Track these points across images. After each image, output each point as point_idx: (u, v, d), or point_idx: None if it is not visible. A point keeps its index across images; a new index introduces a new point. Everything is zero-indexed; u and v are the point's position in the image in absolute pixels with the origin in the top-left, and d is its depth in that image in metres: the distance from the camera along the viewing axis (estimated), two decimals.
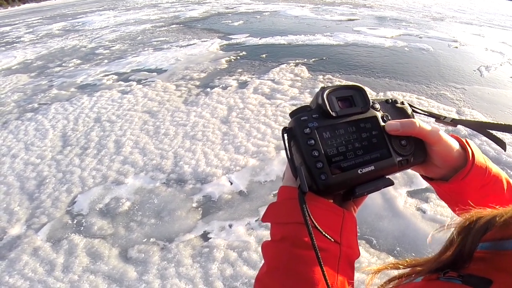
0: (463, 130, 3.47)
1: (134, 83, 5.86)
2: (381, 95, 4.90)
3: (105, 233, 2.61)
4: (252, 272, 2.16)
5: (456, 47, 7.83)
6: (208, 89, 5.31)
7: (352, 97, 0.46)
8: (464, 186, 0.44)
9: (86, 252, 2.43)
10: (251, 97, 4.86)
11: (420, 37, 8.62)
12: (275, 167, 3.22)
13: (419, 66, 6.25)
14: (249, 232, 2.50)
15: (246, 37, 8.74)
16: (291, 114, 0.44)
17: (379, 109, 0.47)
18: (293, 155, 0.43)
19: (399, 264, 0.42)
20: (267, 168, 3.22)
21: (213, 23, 11.39)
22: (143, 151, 3.66)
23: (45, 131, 4.29)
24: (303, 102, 4.62)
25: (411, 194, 2.81)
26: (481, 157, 0.46)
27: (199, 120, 4.26)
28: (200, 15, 13.41)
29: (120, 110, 4.77)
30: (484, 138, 3.37)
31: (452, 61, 6.64)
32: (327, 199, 0.42)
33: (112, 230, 2.63)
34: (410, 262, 0.41)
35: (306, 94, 4.89)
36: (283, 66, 6.21)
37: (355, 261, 0.43)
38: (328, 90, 0.44)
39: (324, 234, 0.38)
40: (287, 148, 0.44)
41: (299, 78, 5.58)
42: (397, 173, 0.47)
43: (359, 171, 0.42)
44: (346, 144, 0.43)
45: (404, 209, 2.65)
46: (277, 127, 3.94)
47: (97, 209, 2.87)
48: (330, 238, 0.39)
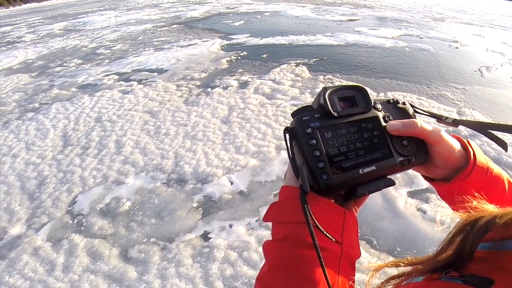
0: (464, 131, 3.47)
1: (135, 83, 5.86)
2: (382, 96, 4.90)
3: (106, 233, 2.61)
4: (253, 272, 2.16)
5: (457, 48, 7.82)
6: (209, 89, 5.32)
7: (354, 97, 0.46)
8: (466, 187, 0.44)
9: (87, 252, 2.43)
10: (252, 97, 4.86)
11: (421, 38, 8.62)
12: (276, 167, 3.22)
13: (420, 67, 6.24)
14: (250, 232, 2.50)
15: (247, 37, 8.74)
16: (293, 114, 0.44)
17: (381, 109, 0.47)
18: (295, 155, 0.43)
19: (400, 262, 0.42)
20: (268, 168, 3.22)
21: (214, 23, 11.40)
22: (144, 151, 3.66)
23: (46, 131, 4.30)
24: (304, 102, 4.62)
25: (412, 195, 2.81)
26: (483, 158, 0.46)
27: (200, 120, 4.26)
28: (201, 15, 13.42)
29: (121, 110, 4.77)
30: (485, 139, 3.36)
31: (453, 62, 6.64)
32: (329, 199, 0.42)
33: (113, 230, 2.63)
34: (411, 261, 0.41)
35: (307, 94, 4.89)
36: (284, 66, 6.21)
37: (356, 261, 0.44)
38: (330, 90, 0.44)
39: (326, 234, 0.38)
40: (289, 148, 0.44)
41: (300, 78, 5.58)
42: (398, 173, 0.47)
43: (361, 171, 0.42)
44: (348, 144, 0.43)
45: (405, 210, 2.64)
46: (278, 127, 3.94)
47: (98, 209, 2.87)
48: (332, 238, 0.39)
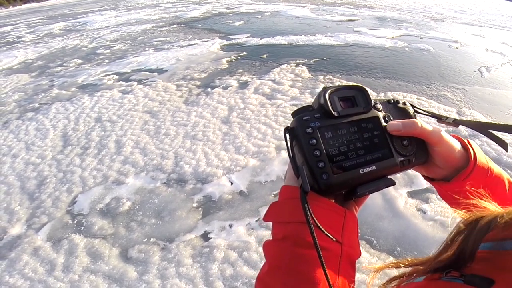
0: (464, 131, 3.47)
1: (135, 83, 5.86)
2: (382, 96, 4.90)
3: (106, 233, 2.61)
4: (253, 272, 2.16)
5: (457, 48, 7.83)
6: (209, 89, 5.32)
7: (354, 97, 0.46)
8: (466, 187, 0.44)
9: (87, 252, 2.43)
10: (252, 97, 4.86)
11: (421, 38, 8.62)
12: (276, 167, 3.22)
13: (420, 67, 6.25)
14: (250, 232, 2.50)
15: (247, 37, 8.74)
16: (293, 114, 0.44)
17: (381, 109, 0.47)
18: (295, 155, 0.43)
19: (400, 263, 0.42)
20: (268, 168, 3.22)
21: (214, 23, 11.40)
22: (144, 151, 3.66)
23: (46, 131, 4.30)
24: (304, 103, 4.62)
25: (412, 195, 2.81)
26: (483, 158, 0.45)
27: (200, 120, 4.26)
28: (201, 15, 13.43)
29: (121, 110, 4.77)
30: (485, 139, 3.36)
31: (453, 62, 6.64)
32: (329, 199, 0.42)
33: (113, 230, 2.63)
34: (411, 261, 0.41)
35: (307, 95, 4.89)
36: (284, 66, 6.21)
37: (356, 261, 0.43)
38: (330, 90, 0.44)
39: (326, 234, 0.38)
40: (289, 148, 0.44)
41: (300, 79, 5.58)
42: (399, 173, 0.47)
43: (361, 171, 0.42)
44: (348, 144, 0.43)
45: (405, 210, 2.64)
46: (278, 128, 3.94)
47: (98, 209, 2.87)
48: (332, 238, 0.39)
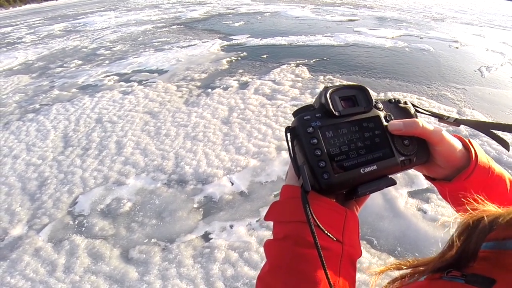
0: (464, 131, 3.46)
1: (135, 84, 5.87)
2: (382, 96, 4.90)
3: (106, 234, 2.61)
4: (253, 273, 2.16)
5: (457, 48, 7.83)
6: (209, 90, 5.32)
7: (355, 97, 0.46)
8: (467, 186, 0.44)
9: (88, 253, 2.43)
10: (252, 98, 4.86)
11: (421, 38, 8.62)
12: (276, 168, 3.22)
13: (420, 67, 6.25)
14: (250, 233, 2.50)
15: (247, 38, 8.75)
16: (294, 114, 0.44)
17: (382, 109, 0.47)
18: (296, 154, 0.43)
19: (402, 265, 0.42)
20: (268, 169, 3.22)
21: (214, 24, 11.41)
22: (144, 152, 3.67)
23: (47, 132, 4.30)
24: (304, 103, 4.62)
25: (412, 195, 2.81)
26: (484, 157, 0.45)
27: (200, 121, 4.27)
28: (201, 16, 13.44)
29: (121, 111, 4.78)
30: (486, 139, 3.36)
31: (453, 62, 6.64)
32: (330, 198, 0.42)
33: (113, 231, 2.63)
34: (413, 262, 0.41)
35: (307, 95, 4.89)
36: (284, 67, 6.21)
37: (357, 261, 0.43)
38: (331, 90, 0.44)
39: (327, 233, 0.38)
40: (290, 147, 0.44)
41: (300, 79, 5.58)
42: (399, 173, 0.47)
43: (362, 171, 0.42)
44: (349, 144, 0.43)
45: (405, 210, 2.64)
46: (278, 128, 3.94)
47: (99, 210, 2.87)
48: (333, 237, 0.39)
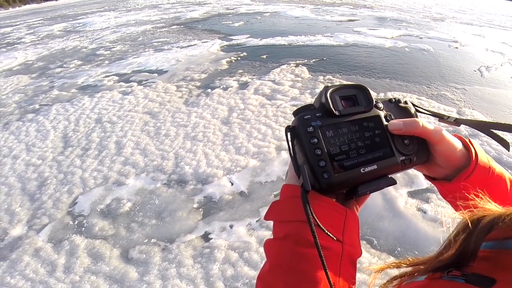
0: (464, 130, 3.47)
1: (135, 84, 5.87)
2: (382, 96, 4.90)
3: (106, 234, 2.61)
4: (253, 273, 2.16)
5: (457, 48, 7.83)
6: (209, 90, 5.32)
7: (356, 96, 0.46)
8: (467, 186, 0.44)
9: (87, 253, 2.43)
10: (252, 98, 4.86)
11: (421, 38, 8.63)
12: (276, 168, 3.22)
13: (420, 67, 6.25)
14: (250, 233, 2.50)
15: (247, 38, 8.75)
16: (295, 113, 0.44)
17: (382, 108, 0.47)
18: (296, 154, 0.43)
19: (401, 263, 0.42)
20: (268, 169, 3.22)
21: (214, 24, 11.41)
22: (144, 152, 3.66)
23: (46, 132, 4.30)
24: (304, 103, 4.62)
25: (412, 195, 2.81)
26: (485, 157, 0.45)
27: (200, 121, 4.26)
28: (201, 16, 13.44)
29: (121, 111, 4.77)
30: (485, 138, 3.36)
31: (453, 62, 6.64)
32: (330, 198, 0.42)
33: (113, 231, 2.63)
34: (412, 261, 0.41)
35: (307, 95, 4.90)
36: (284, 67, 6.21)
37: (357, 260, 0.43)
38: (332, 89, 0.44)
39: (327, 233, 0.38)
40: (290, 147, 0.44)
41: (300, 79, 5.58)
42: (400, 173, 0.47)
43: (362, 170, 0.42)
44: (349, 143, 0.43)
45: (405, 210, 2.64)
46: (278, 128, 3.94)
47: (98, 210, 2.87)
48: (333, 237, 0.39)
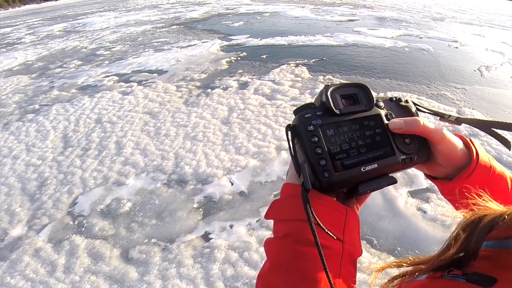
0: (464, 130, 3.47)
1: (135, 84, 5.87)
2: (382, 96, 4.90)
3: (106, 234, 2.61)
4: (253, 273, 2.16)
5: (457, 47, 7.83)
6: (209, 90, 5.32)
7: (356, 95, 0.46)
8: (468, 185, 0.44)
9: (87, 253, 2.43)
10: (252, 98, 4.86)
11: (420, 38, 8.62)
12: (276, 168, 3.22)
13: (420, 67, 6.25)
14: (250, 233, 2.50)
15: (247, 38, 8.75)
16: (295, 112, 0.44)
17: (383, 107, 0.47)
18: (297, 153, 0.43)
19: (402, 263, 0.42)
20: (268, 169, 3.22)
21: (214, 24, 11.41)
22: (144, 152, 3.66)
23: (46, 132, 4.30)
24: (304, 103, 4.61)
25: (412, 194, 2.81)
26: (485, 156, 0.45)
27: (200, 121, 4.26)
28: (201, 16, 13.44)
29: (121, 111, 4.77)
30: (486, 138, 3.36)
31: (453, 61, 6.64)
32: (330, 197, 0.42)
33: (113, 231, 2.63)
34: (413, 260, 0.41)
35: (307, 95, 4.89)
36: (284, 67, 6.21)
37: (357, 260, 0.43)
38: (332, 88, 0.44)
39: (327, 232, 0.38)
40: (291, 145, 0.43)
41: (300, 79, 5.58)
42: (400, 172, 0.47)
43: (362, 169, 0.42)
44: (350, 142, 0.42)
45: (405, 209, 2.64)
46: (278, 128, 3.93)
47: (98, 210, 2.87)
48: (333, 236, 0.39)
